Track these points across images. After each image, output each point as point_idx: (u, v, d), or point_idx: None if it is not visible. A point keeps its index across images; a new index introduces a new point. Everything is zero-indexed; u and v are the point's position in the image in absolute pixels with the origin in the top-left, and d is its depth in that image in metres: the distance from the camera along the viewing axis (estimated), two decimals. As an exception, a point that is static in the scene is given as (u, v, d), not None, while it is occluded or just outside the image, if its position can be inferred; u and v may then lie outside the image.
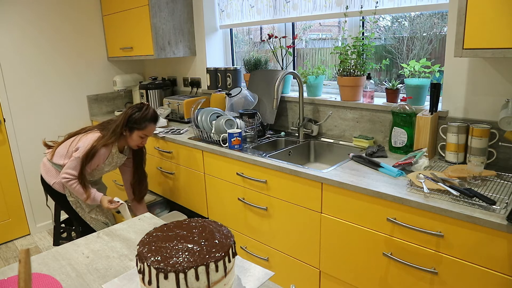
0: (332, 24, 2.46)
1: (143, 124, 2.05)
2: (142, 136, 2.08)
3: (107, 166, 2.15)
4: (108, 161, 2.11)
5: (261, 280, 0.96)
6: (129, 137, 2.08)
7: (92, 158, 2.00)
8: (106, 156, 2.08)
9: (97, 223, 2.18)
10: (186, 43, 3.05)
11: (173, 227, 0.94)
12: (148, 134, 2.10)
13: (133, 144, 2.11)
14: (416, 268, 1.41)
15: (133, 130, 2.05)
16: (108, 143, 2.04)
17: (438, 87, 1.74)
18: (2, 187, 3.03)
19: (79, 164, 1.99)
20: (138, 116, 2.04)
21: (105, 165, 2.13)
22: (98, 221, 2.18)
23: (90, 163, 2.03)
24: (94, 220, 2.18)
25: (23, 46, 2.99)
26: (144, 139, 2.11)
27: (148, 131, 2.09)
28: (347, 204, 1.59)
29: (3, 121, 2.96)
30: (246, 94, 2.46)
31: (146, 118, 2.05)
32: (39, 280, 1.01)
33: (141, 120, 2.05)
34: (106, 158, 2.09)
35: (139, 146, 2.16)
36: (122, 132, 2.06)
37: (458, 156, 1.69)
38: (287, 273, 1.96)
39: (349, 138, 2.19)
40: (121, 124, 2.05)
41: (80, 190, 2.02)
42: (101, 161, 2.07)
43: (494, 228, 1.19)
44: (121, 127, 2.04)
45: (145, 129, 2.07)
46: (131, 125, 2.05)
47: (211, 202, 2.34)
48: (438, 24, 1.94)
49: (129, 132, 2.06)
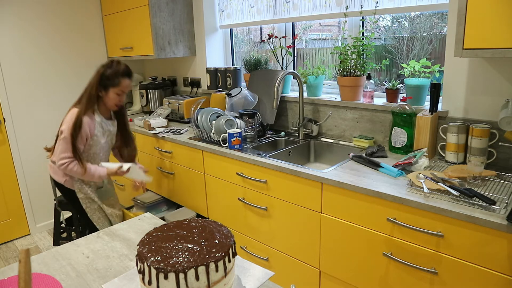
0: (332, 24, 2.46)
1: (116, 79, 1.97)
2: (118, 93, 1.99)
3: (101, 138, 2.06)
4: (98, 130, 2.03)
5: (261, 280, 0.96)
6: (105, 96, 1.99)
7: (79, 131, 1.92)
8: (93, 126, 1.99)
9: (103, 225, 2.17)
10: (186, 43, 3.05)
11: (173, 227, 0.94)
12: (124, 89, 2.01)
13: (111, 103, 2.02)
14: (416, 268, 1.41)
15: (108, 88, 1.97)
16: (88, 110, 1.97)
17: (438, 87, 1.74)
18: (2, 187, 3.03)
19: (69, 144, 1.92)
20: (110, 72, 1.97)
21: (98, 137, 2.04)
22: (104, 222, 2.17)
23: (79, 138, 1.95)
24: (101, 222, 2.16)
25: (23, 46, 2.99)
26: (121, 96, 2.02)
27: (123, 86, 2.00)
28: (347, 204, 1.59)
29: (3, 121, 2.96)
30: (246, 94, 2.46)
31: (119, 73, 1.97)
32: (39, 280, 1.01)
33: (114, 76, 1.96)
34: (94, 128, 2.00)
35: (118, 105, 2.06)
36: (98, 93, 1.99)
37: (458, 156, 1.69)
38: (287, 273, 1.96)
39: (349, 138, 2.19)
40: (95, 84, 1.97)
41: (79, 169, 1.96)
42: (89, 131, 1.98)
43: (494, 228, 1.19)
44: (96, 89, 1.97)
45: (120, 84, 1.98)
46: (105, 82, 1.97)
47: (211, 202, 2.34)
48: (438, 24, 1.94)
49: (104, 91, 1.98)
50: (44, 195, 3.24)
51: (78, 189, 2.10)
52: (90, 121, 1.99)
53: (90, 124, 1.98)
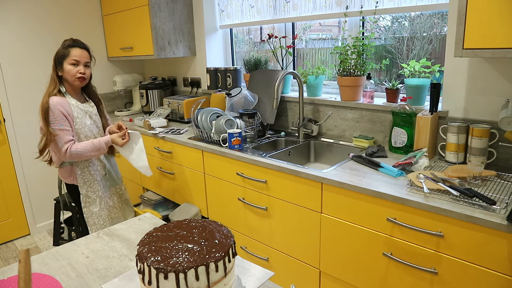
0: (332, 24, 2.46)
1: (66, 51, 1.98)
2: (73, 63, 1.98)
3: (84, 119, 2.03)
4: (77, 113, 2.00)
5: (261, 280, 0.96)
6: (64, 73, 1.99)
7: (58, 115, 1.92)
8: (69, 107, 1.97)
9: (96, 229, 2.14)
10: (186, 43, 3.05)
11: (173, 227, 0.94)
12: (76, 58, 1.99)
13: (71, 76, 1.99)
14: (416, 268, 1.41)
15: (61, 63, 1.98)
16: (53, 91, 1.98)
17: (438, 87, 1.74)
18: (2, 187, 3.03)
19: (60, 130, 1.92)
20: (59, 48, 2.01)
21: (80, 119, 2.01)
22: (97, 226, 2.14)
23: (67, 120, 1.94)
24: (95, 228, 2.13)
25: (23, 46, 2.99)
26: (77, 66, 1.99)
27: (74, 55, 1.98)
28: (347, 204, 1.59)
29: (3, 121, 2.96)
30: (246, 94, 2.46)
31: (65, 45, 2.00)
32: (39, 280, 1.01)
33: (62, 50, 1.99)
34: (71, 110, 1.98)
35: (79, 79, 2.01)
36: (58, 73, 2.00)
37: (458, 156, 1.69)
38: (287, 273, 1.96)
39: (349, 138, 2.19)
40: (53, 67, 2.01)
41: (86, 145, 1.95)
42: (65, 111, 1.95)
43: (494, 228, 1.19)
44: (54, 70, 2.00)
45: (70, 54, 1.98)
46: (58, 60, 1.99)
47: (211, 202, 2.34)
48: (438, 24, 1.94)
49: (61, 68, 1.99)
50: (44, 195, 3.24)
51: (82, 182, 2.06)
52: (62, 101, 1.96)
53: (62, 103, 1.95)
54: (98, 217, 2.12)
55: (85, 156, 1.98)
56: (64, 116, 1.94)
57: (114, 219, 2.20)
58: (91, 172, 2.08)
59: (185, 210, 2.48)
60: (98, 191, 2.10)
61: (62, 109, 1.93)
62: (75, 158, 1.97)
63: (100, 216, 2.13)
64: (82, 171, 2.06)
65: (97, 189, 2.10)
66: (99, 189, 2.11)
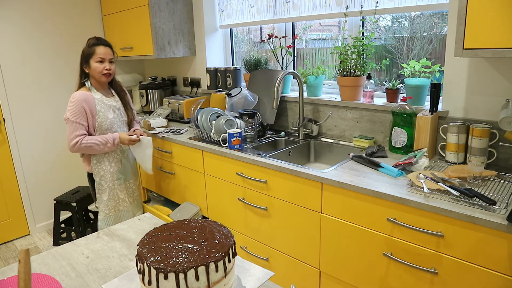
0: (332, 24, 2.46)
1: (91, 49, 2.10)
2: (99, 60, 2.10)
3: (107, 113, 2.15)
4: (101, 107, 2.12)
5: (261, 280, 0.96)
6: (91, 70, 2.11)
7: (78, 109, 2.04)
8: (93, 101, 2.09)
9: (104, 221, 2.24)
10: (186, 43, 3.05)
11: (173, 227, 0.94)
12: (102, 55, 2.10)
13: (98, 73, 2.10)
14: (416, 268, 1.41)
15: (88, 61, 2.11)
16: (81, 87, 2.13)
17: (438, 87, 1.74)
18: (2, 187, 3.03)
19: (74, 124, 2.04)
20: (85, 47, 2.13)
21: (103, 113, 2.13)
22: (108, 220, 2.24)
23: (85, 116, 2.06)
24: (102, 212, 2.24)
25: (23, 46, 2.99)
26: (103, 63, 2.11)
27: (100, 53, 2.10)
28: (347, 204, 1.59)
29: (3, 121, 2.96)
30: (246, 94, 2.46)
31: (90, 44, 2.12)
32: (39, 280, 1.01)
33: (87, 49, 2.11)
34: (95, 104, 2.10)
35: (105, 75, 2.13)
36: (84, 70, 2.13)
37: (458, 156, 1.69)
38: (287, 273, 1.96)
39: (349, 138, 2.19)
40: (80, 64, 2.13)
41: (95, 140, 2.07)
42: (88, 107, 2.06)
43: (494, 228, 1.19)
44: (81, 67, 2.13)
45: (95, 52, 2.10)
46: (85, 58, 2.11)
47: (211, 202, 2.34)
48: (438, 24, 1.94)
49: (88, 66, 2.11)
50: (44, 195, 3.24)
51: (96, 171, 2.19)
52: (86, 96, 2.09)
53: (86, 98, 2.08)
54: (106, 206, 2.24)
55: (92, 149, 2.11)
56: (84, 111, 2.07)
57: (121, 211, 2.31)
58: (106, 163, 2.20)
59: (185, 209, 2.49)
60: (109, 181, 2.22)
61: (85, 104, 2.07)
62: (83, 150, 2.11)
63: (107, 205, 2.24)
64: (97, 161, 2.19)
65: (109, 180, 2.22)
66: (111, 180, 2.23)
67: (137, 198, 2.39)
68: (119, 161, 2.24)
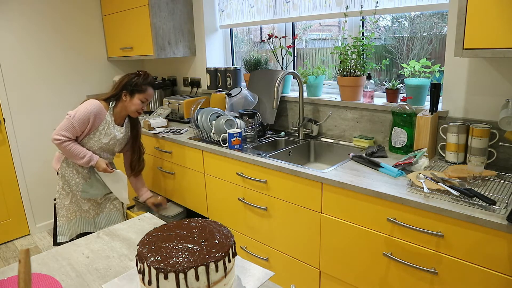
0: (332, 24, 2.46)
1: (144, 86, 2.07)
2: (143, 100, 2.08)
3: (103, 137, 2.07)
4: (103, 128, 2.05)
5: (261, 280, 0.96)
6: (129, 101, 2.06)
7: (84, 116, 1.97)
8: (100, 119, 2.03)
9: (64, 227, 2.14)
10: (186, 43, 3.05)
11: (173, 227, 0.94)
12: (149, 98, 2.10)
13: (133, 109, 2.08)
14: (416, 268, 1.41)
15: (134, 93, 2.06)
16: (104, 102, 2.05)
17: (438, 87, 1.74)
18: (2, 187, 3.03)
19: (74, 128, 1.97)
20: (139, 80, 2.07)
21: (100, 134, 2.05)
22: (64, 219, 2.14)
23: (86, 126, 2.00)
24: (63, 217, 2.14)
25: (23, 46, 2.99)
26: (144, 104, 2.10)
27: (149, 94, 2.10)
28: (347, 204, 1.59)
29: (3, 121, 2.96)
30: (246, 94, 2.46)
31: (147, 82, 2.08)
32: (39, 280, 1.01)
33: (142, 83, 2.06)
34: (100, 123, 2.03)
35: (138, 113, 2.12)
36: (122, 96, 2.06)
37: (458, 156, 1.69)
38: (287, 273, 1.96)
39: (349, 138, 2.19)
40: (120, 86, 2.06)
41: (77, 150, 2.00)
42: (92, 120, 1.99)
43: (494, 228, 1.19)
44: (120, 90, 2.06)
45: (146, 92, 2.08)
46: (133, 88, 2.05)
47: (211, 202, 2.34)
48: (438, 24, 1.94)
49: (130, 96, 2.06)
50: (44, 195, 3.24)
51: (61, 173, 2.10)
52: (101, 112, 2.03)
53: (99, 114, 2.02)
54: (68, 210, 2.15)
55: (69, 154, 2.02)
56: (88, 122, 2.00)
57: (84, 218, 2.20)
58: (74, 172, 2.12)
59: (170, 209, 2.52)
60: (74, 189, 2.13)
61: (93, 117, 2.00)
62: (61, 149, 2.03)
63: (69, 209, 2.15)
64: (67, 165, 2.11)
65: (73, 187, 2.13)
66: (76, 189, 2.14)
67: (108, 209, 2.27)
68: (87, 177, 2.16)
